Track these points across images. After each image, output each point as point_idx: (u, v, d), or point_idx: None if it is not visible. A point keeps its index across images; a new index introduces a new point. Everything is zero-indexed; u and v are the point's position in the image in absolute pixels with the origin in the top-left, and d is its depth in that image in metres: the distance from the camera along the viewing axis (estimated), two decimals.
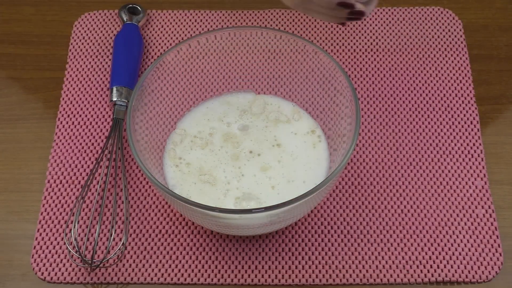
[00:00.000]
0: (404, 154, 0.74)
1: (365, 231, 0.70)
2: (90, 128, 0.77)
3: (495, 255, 0.68)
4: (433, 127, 0.76)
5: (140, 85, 0.65)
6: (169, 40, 0.84)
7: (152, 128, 0.69)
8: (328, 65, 0.68)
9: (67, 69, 0.81)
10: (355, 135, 0.62)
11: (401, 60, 0.81)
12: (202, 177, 0.68)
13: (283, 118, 0.72)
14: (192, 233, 0.70)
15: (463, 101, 0.78)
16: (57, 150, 0.75)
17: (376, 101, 0.78)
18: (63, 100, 0.79)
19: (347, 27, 0.84)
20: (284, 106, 0.73)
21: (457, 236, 0.69)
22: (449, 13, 0.85)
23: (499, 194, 0.72)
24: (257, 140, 0.70)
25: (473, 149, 0.75)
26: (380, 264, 0.68)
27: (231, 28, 0.69)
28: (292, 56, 0.71)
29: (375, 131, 0.76)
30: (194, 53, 0.70)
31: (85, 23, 0.85)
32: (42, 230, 0.70)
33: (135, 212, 0.71)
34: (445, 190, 0.72)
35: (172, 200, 0.60)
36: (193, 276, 0.67)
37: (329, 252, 0.69)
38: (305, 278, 0.67)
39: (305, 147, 0.70)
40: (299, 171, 0.68)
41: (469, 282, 0.67)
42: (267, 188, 0.67)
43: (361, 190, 0.72)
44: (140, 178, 0.73)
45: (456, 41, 0.83)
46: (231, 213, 0.60)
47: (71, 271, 0.68)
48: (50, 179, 0.73)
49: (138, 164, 0.61)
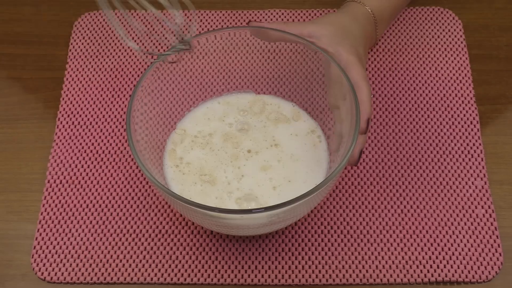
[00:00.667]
0: (404, 154, 0.74)
1: (365, 231, 0.70)
2: (90, 128, 0.77)
3: (495, 255, 0.68)
4: (433, 127, 0.76)
5: (140, 85, 0.65)
6: (169, 40, 0.84)
7: (152, 128, 0.69)
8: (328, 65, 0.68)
9: (67, 69, 0.81)
10: (355, 135, 0.61)
11: (401, 60, 0.81)
12: (202, 177, 0.68)
13: (283, 118, 0.72)
14: (192, 233, 0.70)
15: (463, 101, 0.78)
16: (57, 150, 0.75)
17: (376, 101, 0.78)
18: (63, 100, 0.79)
19: None
20: (284, 106, 0.73)
21: (457, 236, 0.69)
22: (449, 13, 0.85)
23: (499, 194, 0.72)
24: (257, 140, 0.70)
25: (473, 149, 0.75)
26: (380, 264, 0.68)
27: (231, 28, 0.69)
28: (292, 56, 0.71)
29: (375, 131, 0.76)
30: (194, 53, 0.70)
31: (85, 23, 0.85)
32: (42, 230, 0.70)
33: (135, 212, 0.71)
34: (445, 190, 0.72)
35: (172, 200, 0.60)
36: (193, 276, 0.67)
37: (329, 252, 0.69)
38: (305, 278, 0.67)
39: (305, 147, 0.70)
40: (299, 171, 0.68)
41: (469, 282, 0.67)
42: (267, 188, 0.67)
43: (361, 190, 0.72)
44: (140, 178, 0.73)
45: (456, 41, 0.83)
46: (231, 213, 0.60)
47: (71, 271, 0.68)
48: (50, 179, 0.73)
49: (138, 164, 0.61)
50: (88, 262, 0.68)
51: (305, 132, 0.72)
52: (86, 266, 0.68)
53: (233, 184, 0.67)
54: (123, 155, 0.75)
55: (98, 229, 0.70)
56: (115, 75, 0.81)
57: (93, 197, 0.72)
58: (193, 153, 0.70)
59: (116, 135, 0.76)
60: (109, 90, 0.79)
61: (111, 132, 0.76)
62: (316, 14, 0.85)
